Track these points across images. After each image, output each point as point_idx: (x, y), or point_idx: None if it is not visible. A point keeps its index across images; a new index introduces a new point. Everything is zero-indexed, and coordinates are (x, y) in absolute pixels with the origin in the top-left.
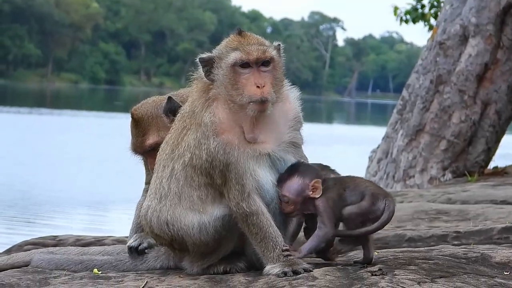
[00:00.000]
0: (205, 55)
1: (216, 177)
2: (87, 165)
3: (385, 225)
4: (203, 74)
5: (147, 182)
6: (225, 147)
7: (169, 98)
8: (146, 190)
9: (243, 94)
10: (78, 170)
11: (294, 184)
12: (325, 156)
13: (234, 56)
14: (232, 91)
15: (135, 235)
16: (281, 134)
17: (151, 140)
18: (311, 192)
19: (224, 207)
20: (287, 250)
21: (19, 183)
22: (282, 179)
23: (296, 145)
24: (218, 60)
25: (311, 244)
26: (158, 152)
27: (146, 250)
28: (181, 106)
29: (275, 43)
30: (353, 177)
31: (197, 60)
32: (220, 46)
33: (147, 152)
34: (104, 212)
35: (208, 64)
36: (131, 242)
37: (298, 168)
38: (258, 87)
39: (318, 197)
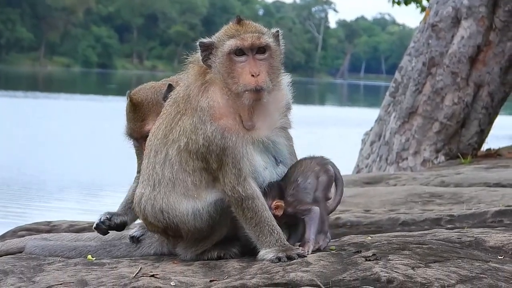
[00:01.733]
0: (206, 39)
1: (212, 161)
2: (81, 149)
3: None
4: (201, 58)
5: (138, 171)
6: (223, 132)
7: (170, 85)
8: (137, 178)
9: (238, 83)
10: (71, 154)
11: None
12: (317, 138)
13: (229, 43)
14: (228, 80)
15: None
16: (274, 120)
17: (150, 125)
18: (275, 211)
19: (216, 192)
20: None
21: (12, 167)
22: None
23: (285, 129)
24: (216, 47)
25: (311, 230)
26: (148, 138)
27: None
28: None
29: (273, 30)
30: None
31: (198, 43)
32: (219, 33)
33: (144, 137)
34: (97, 196)
35: (207, 50)
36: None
37: None
38: (253, 75)
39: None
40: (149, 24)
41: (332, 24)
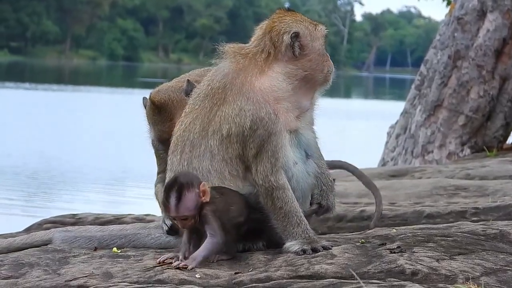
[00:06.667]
0: (293, 29)
1: (252, 147)
2: (107, 141)
3: None
4: (296, 49)
5: (160, 172)
6: (276, 116)
7: (188, 80)
8: (160, 179)
9: (328, 65)
10: (97, 146)
11: (189, 199)
12: (343, 131)
13: (323, 28)
14: (324, 63)
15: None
16: (307, 114)
17: None
18: (203, 197)
19: (248, 185)
20: None
21: (38, 159)
22: (172, 202)
23: (311, 124)
24: (311, 33)
25: (205, 251)
26: (178, 134)
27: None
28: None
29: None
30: (240, 195)
31: (291, 33)
32: (298, 20)
33: None
34: (123, 188)
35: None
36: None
37: (181, 181)
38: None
39: (206, 206)
40: (175, 17)
41: (358, 17)
